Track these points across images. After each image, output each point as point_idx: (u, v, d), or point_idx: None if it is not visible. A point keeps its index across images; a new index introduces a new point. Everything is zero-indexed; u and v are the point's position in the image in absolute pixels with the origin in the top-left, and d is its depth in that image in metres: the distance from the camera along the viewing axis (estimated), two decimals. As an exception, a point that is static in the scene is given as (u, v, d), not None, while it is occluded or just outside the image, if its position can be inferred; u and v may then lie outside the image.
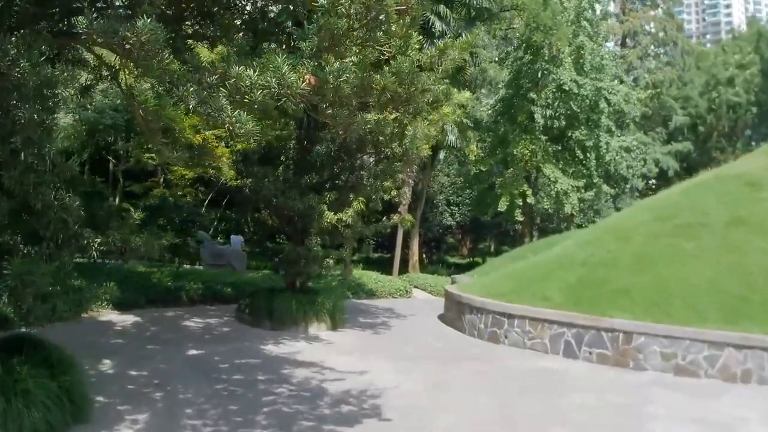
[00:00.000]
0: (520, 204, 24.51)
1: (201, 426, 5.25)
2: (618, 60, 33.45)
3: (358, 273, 20.23)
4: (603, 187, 25.28)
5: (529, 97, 23.61)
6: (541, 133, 23.84)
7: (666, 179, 32.24)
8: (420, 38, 4.81)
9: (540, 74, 23.37)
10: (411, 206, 23.63)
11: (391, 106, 4.52)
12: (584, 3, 23.88)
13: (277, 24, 6.76)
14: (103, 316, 10.74)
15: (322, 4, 3.85)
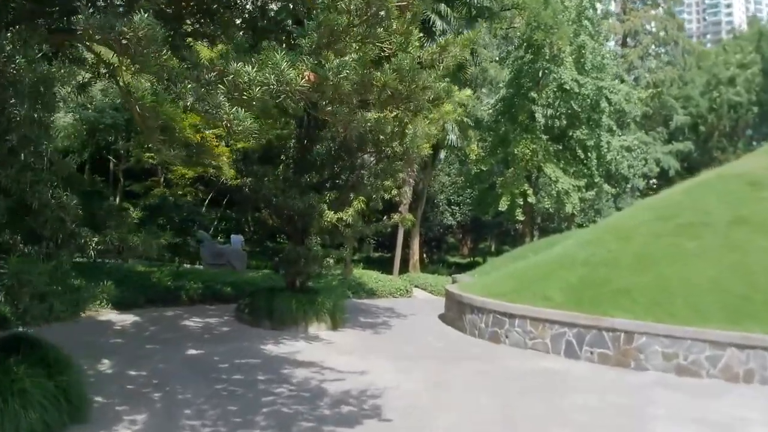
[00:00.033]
0: (521, 203, 24.48)
1: (200, 426, 5.21)
2: (619, 59, 33.46)
3: (359, 272, 20.20)
4: (604, 187, 25.27)
5: (530, 97, 23.58)
6: (542, 133, 23.83)
7: (667, 179, 32.20)
8: (421, 36, 4.77)
9: (541, 73, 23.35)
10: (411, 206, 23.60)
11: (392, 104, 4.47)
12: (585, 2, 23.84)
13: (277, 22, 6.73)
14: (103, 316, 10.72)
15: (322, 1, 3.81)
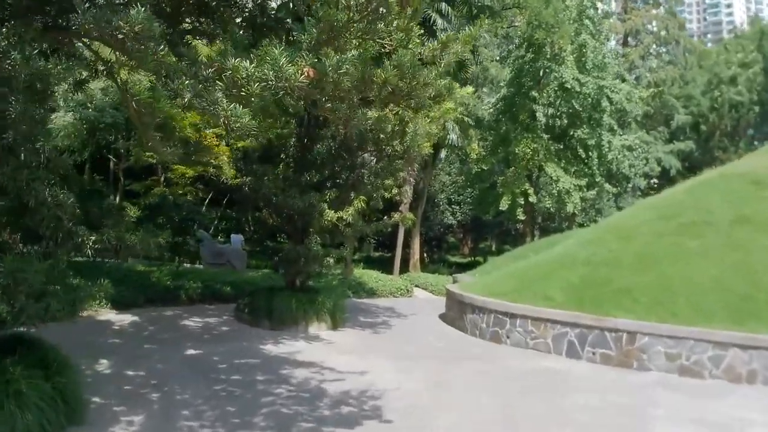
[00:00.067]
0: (522, 203, 24.41)
1: (198, 428, 5.16)
2: (620, 58, 33.35)
3: (359, 272, 20.17)
4: (605, 186, 25.20)
5: (531, 96, 23.51)
6: (543, 132, 23.76)
7: (668, 178, 32.13)
8: (422, 34, 4.71)
9: (542, 72, 23.28)
10: (412, 205, 23.56)
11: (392, 101, 4.41)
12: (586, 1, 23.77)
13: (277, 20, 6.68)
14: (102, 316, 10.66)
15: (322, -4, 3.75)
